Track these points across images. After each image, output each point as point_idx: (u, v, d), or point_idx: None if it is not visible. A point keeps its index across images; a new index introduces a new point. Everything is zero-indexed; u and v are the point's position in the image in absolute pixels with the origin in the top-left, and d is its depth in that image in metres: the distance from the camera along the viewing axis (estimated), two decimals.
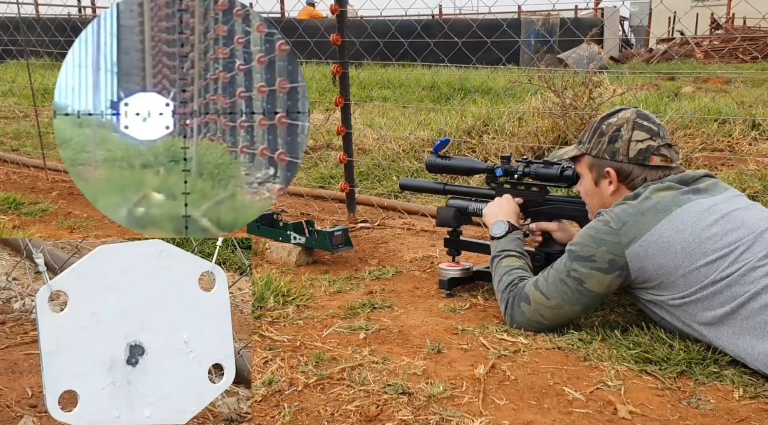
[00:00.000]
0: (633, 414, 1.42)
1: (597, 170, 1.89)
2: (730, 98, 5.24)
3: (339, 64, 3.12)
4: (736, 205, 1.71)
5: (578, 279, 1.76)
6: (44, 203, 3.71)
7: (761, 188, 3.15)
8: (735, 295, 1.57)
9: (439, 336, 1.83)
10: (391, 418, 1.40)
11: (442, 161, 2.32)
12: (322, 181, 4.13)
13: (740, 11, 13.59)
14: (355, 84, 6.64)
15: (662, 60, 11.44)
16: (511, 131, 4.40)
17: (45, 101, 6.43)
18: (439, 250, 2.71)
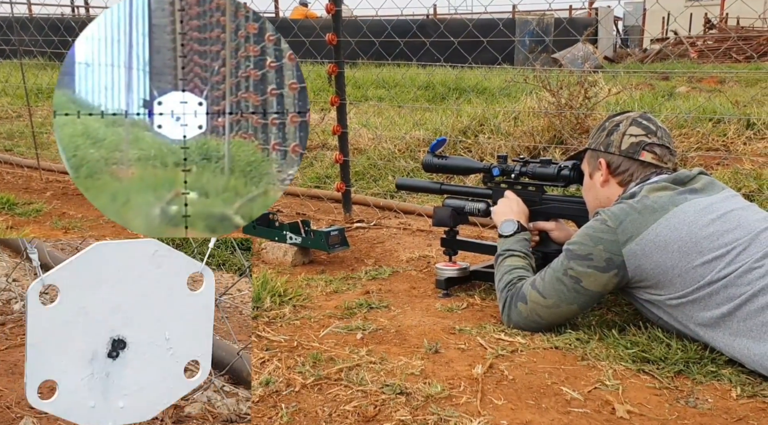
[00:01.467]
0: (631, 413, 1.42)
1: (592, 162, 1.94)
2: (725, 98, 5.25)
3: (334, 63, 3.11)
4: (733, 205, 1.71)
5: (575, 278, 1.76)
6: (38, 203, 3.69)
7: (756, 187, 3.16)
8: (732, 296, 1.57)
9: (436, 336, 1.82)
10: (389, 418, 1.40)
11: (438, 160, 2.31)
12: (318, 181, 4.12)
13: (734, 11, 13.65)
14: (350, 84, 6.64)
15: (656, 60, 11.47)
16: (506, 130, 4.40)
17: (38, 101, 6.40)
18: (435, 250, 2.71)
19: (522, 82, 5.29)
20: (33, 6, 11.50)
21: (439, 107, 5.79)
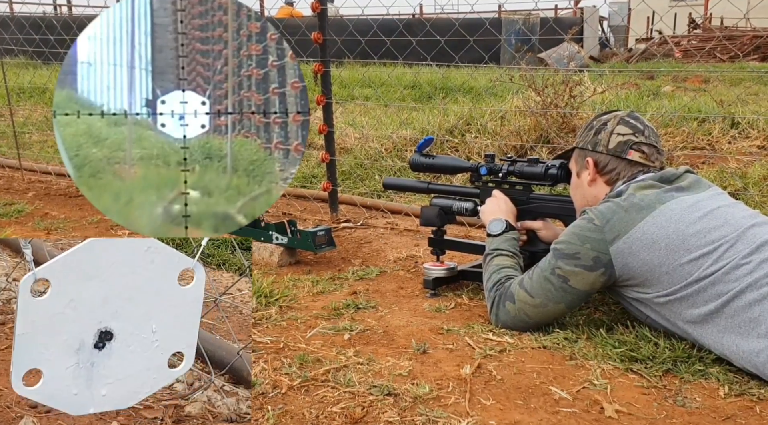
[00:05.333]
0: (619, 413, 1.42)
1: (580, 161, 1.94)
2: (710, 97, 5.29)
3: (320, 62, 3.09)
4: (719, 202, 1.72)
5: (563, 277, 1.75)
6: (20, 203, 3.64)
7: (742, 186, 3.18)
8: (719, 293, 1.57)
9: (424, 336, 1.81)
10: (377, 420, 1.38)
11: (425, 159, 2.30)
12: (304, 180, 4.10)
13: (717, 11, 13.77)
14: (336, 83, 6.61)
15: (641, 59, 11.53)
16: (493, 129, 4.41)
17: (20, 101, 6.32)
18: (423, 249, 2.70)
19: (508, 82, 5.30)
20: (14, 5, 11.36)
21: (425, 106, 5.78)
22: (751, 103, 5.33)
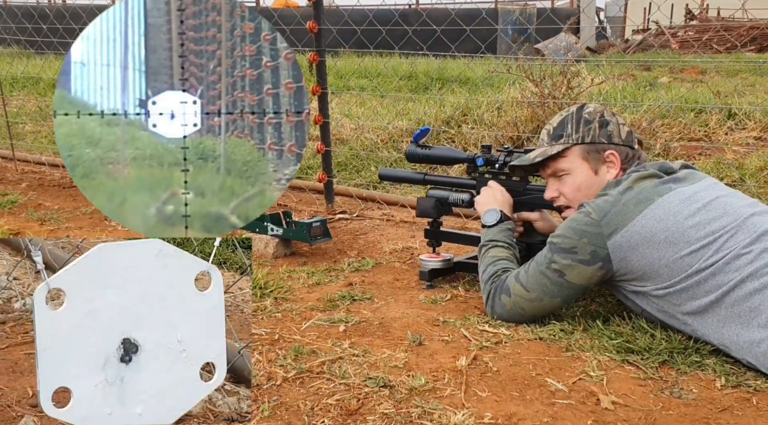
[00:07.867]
0: (616, 404, 1.41)
1: (595, 156, 1.85)
2: (707, 88, 5.28)
3: (316, 52, 3.07)
4: (717, 192, 1.71)
5: (559, 271, 1.74)
6: (13, 194, 3.62)
7: (739, 177, 3.17)
8: (720, 283, 1.56)
9: (420, 328, 1.81)
10: (373, 412, 1.37)
11: (422, 150, 2.29)
12: (300, 171, 4.08)
13: (714, 2, 13.73)
14: (331, 73, 6.57)
15: (638, 50, 11.51)
16: (490, 120, 4.39)
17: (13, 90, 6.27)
18: (419, 241, 2.69)
19: (505, 73, 5.28)
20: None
21: (421, 96, 5.76)
22: (747, 94, 5.32)
